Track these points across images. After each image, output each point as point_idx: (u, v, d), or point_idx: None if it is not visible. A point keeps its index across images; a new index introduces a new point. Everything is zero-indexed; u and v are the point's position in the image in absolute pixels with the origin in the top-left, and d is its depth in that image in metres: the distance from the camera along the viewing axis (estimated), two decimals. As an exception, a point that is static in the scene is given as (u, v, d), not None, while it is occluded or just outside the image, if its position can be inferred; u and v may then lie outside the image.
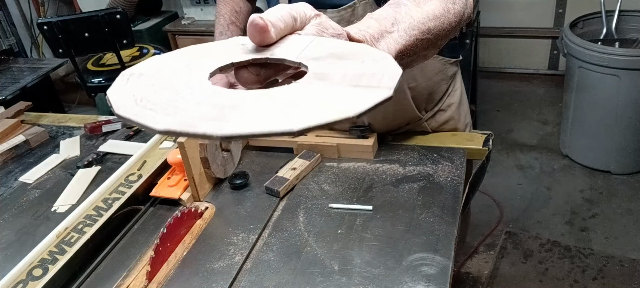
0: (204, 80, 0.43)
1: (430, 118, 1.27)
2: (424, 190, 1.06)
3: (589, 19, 2.70)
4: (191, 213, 1.04)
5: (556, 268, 2.08)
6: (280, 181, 1.12)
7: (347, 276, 0.87)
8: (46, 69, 2.85)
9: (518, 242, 2.24)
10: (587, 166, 2.68)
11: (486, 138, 1.19)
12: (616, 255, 2.11)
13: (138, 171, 1.19)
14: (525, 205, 2.50)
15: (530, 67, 3.60)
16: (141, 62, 0.49)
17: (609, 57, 2.33)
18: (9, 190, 1.28)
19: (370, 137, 1.19)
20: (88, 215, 1.05)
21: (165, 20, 3.44)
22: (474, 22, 2.51)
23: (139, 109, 0.39)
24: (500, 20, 3.46)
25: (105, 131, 1.48)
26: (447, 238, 0.92)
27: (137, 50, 2.79)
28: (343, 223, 1.00)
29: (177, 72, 0.46)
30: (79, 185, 1.24)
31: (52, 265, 0.93)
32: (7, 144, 1.44)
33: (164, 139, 1.32)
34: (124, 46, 2.42)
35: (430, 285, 0.83)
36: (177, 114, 0.37)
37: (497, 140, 2.97)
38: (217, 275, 0.92)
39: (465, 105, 1.37)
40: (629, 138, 2.49)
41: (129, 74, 0.46)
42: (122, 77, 0.46)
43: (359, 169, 1.16)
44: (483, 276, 2.11)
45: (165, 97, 0.40)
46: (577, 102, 2.59)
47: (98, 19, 2.29)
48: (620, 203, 2.43)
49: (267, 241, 0.99)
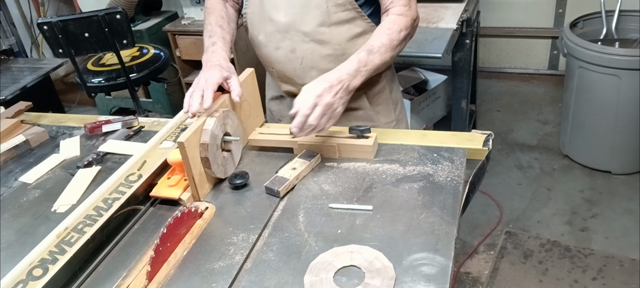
0: None
1: (367, 84, 1.34)
2: (424, 189, 1.06)
3: (589, 19, 2.70)
4: (191, 213, 1.04)
5: (556, 268, 2.08)
6: (280, 181, 1.12)
7: (347, 276, 0.88)
8: (46, 69, 2.86)
9: (518, 242, 2.24)
10: (587, 166, 2.68)
11: (486, 138, 1.19)
12: (616, 255, 2.11)
13: (138, 171, 1.19)
14: (525, 205, 2.50)
15: (530, 67, 3.60)
16: None
17: (609, 57, 2.33)
18: (9, 190, 1.28)
19: (370, 137, 1.19)
20: (88, 215, 1.05)
21: (165, 21, 3.44)
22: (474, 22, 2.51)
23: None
24: (500, 20, 3.46)
25: (105, 131, 1.48)
26: (447, 238, 0.92)
27: (137, 50, 2.79)
28: (343, 223, 1.00)
29: None
30: (79, 185, 1.24)
31: (52, 265, 0.93)
32: (7, 144, 1.44)
33: (164, 139, 1.33)
34: (124, 46, 2.41)
35: (430, 285, 0.83)
36: None
37: (497, 140, 2.98)
38: (217, 275, 0.92)
39: (396, 82, 1.51)
40: (629, 138, 2.49)
41: None
42: None
43: (359, 169, 1.16)
44: (483, 276, 2.11)
45: None
46: (577, 102, 2.59)
47: (98, 19, 2.29)
48: (620, 203, 2.43)
49: (267, 241, 0.99)
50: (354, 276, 0.87)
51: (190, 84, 3.80)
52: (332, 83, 1.11)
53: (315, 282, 0.86)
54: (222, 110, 1.16)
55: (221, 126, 1.15)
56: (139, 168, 1.20)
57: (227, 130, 1.17)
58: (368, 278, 0.85)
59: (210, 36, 1.31)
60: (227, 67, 1.21)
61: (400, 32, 1.21)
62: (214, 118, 1.12)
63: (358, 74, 1.15)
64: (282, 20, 1.29)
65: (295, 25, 1.28)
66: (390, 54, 1.20)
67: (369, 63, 1.17)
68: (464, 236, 2.31)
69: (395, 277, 0.85)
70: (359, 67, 1.15)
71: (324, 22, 1.26)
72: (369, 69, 1.17)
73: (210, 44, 1.28)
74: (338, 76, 1.13)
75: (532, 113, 3.26)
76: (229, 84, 1.20)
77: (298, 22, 1.27)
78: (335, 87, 1.11)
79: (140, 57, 2.73)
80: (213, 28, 1.33)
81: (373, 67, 1.18)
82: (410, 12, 1.24)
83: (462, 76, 2.42)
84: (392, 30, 1.20)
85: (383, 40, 1.19)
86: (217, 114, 1.14)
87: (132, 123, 1.50)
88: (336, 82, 1.12)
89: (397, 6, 1.23)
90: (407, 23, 1.22)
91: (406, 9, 1.23)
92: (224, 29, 1.34)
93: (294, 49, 1.31)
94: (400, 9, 1.23)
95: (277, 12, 1.29)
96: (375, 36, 1.21)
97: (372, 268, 0.87)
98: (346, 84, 1.13)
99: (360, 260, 0.89)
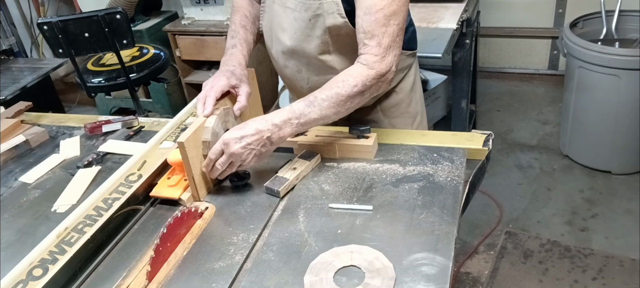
0: None
1: (382, 97, 1.34)
2: (424, 190, 1.06)
3: (589, 19, 2.70)
4: (191, 213, 1.04)
5: (556, 268, 2.08)
6: (280, 181, 1.12)
7: (347, 276, 0.88)
8: (46, 69, 2.85)
9: (518, 242, 2.24)
10: (587, 166, 2.68)
11: (486, 138, 1.19)
12: (616, 255, 2.11)
13: (138, 171, 1.19)
14: (525, 205, 2.50)
15: (530, 67, 3.60)
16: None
17: (609, 57, 2.33)
18: (9, 190, 1.28)
19: (370, 137, 1.19)
20: (88, 215, 1.05)
21: (165, 20, 3.44)
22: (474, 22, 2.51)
23: None
24: (500, 20, 3.46)
25: (105, 131, 1.48)
26: (447, 238, 0.92)
27: (137, 50, 2.78)
28: (343, 223, 1.00)
29: None
30: (79, 185, 1.24)
31: (52, 265, 0.93)
32: (7, 144, 1.44)
33: (164, 139, 1.33)
34: (124, 46, 2.41)
35: (430, 285, 0.83)
36: None
37: (497, 140, 2.98)
38: (217, 275, 0.92)
39: (418, 93, 1.44)
40: (629, 138, 2.49)
41: None
42: None
43: (359, 169, 1.15)
44: (483, 276, 2.11)
45: None
46: (577, 102, 2.59)
47: (98, 19, 2.29)
48: (620, 203, 2.43)
49: (267, 241, 0.99)
50: (354, 276, 0.87)
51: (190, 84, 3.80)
52: (244, 134, 1.05)
53: (315, 282, 0.86)
54: (222, 108, 1.16)
55: (222, 123, 1.15)
56: (139, 168, 1.20)
57: (228, 128, 1.18)
58: (368, 278, 0.85)
59: (232, 37, 1.30)
60: (239, 74, 1.22)
61: (354, 87, 1.07)
62: (214, 116, 1.12)
63: (287, 125, 1.07)
64: (287, 43, 1.25)
65: (299, 51, 1.25)
66: (334, 110, 1.08)
67: (303, 116, 1.07)
68: (464, 236, 2.31)
69: (395, 277, 0.85)
70: (290, 118, 1.07)
71: (325, 50, 1.22)
72: (302, 123, 1.08)
73: (231, 46, 1.29)
74: (258, 127, 1.06)
75: (532, 113, 3.26)
76: (236, 92, 1.22)
77: (301, 48, 1.24)
78: (247, 138, 1.05)
79: (140, 57, 2.73)
80: (236, 28, 1.31)
81: (309, 121, 1.08)
82: (380, 66, 1.07)
83: (462, 76, 2.42)
84: (345, 83, 1.07)
85: (329, 93, 1.07)
86: (218, 112, 1.14)
87: (132, 123, 1.50)
88: (252, 132, 1.05)
89: (367, 54, 1.08)
90: (367, 77, 1.07)
91: (375, 60, 1.07)
92: (247, 30, 1.32)
93: (300, 69, 1.29)
94: (368, 59, 1.08)
95: (283, 33, 1.25)
96: (325, 86, 1.10)
97: (372, 268, 0.87)
98: (266, 135, 1.06)
99: (360, 260, 0.89)
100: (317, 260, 0.91)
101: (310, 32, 1.19)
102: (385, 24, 1.06)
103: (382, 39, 1.07)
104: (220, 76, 1.21)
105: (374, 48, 1.07)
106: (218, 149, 1.07)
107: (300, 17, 1.18)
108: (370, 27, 1.07)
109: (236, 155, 1.06)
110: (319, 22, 1.17)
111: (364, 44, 1.09)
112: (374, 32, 1.07)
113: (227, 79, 1.19)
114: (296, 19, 1.20)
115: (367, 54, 1.08)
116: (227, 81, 1.19)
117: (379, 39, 1.07)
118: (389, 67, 1.09)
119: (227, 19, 3.16)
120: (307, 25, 1.19)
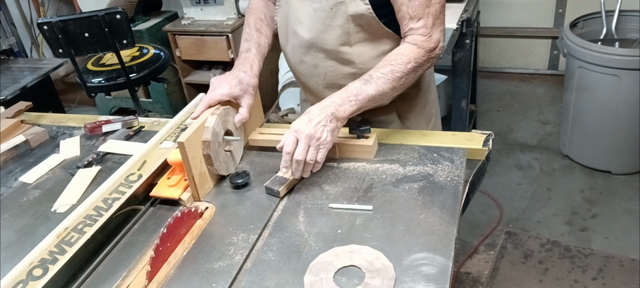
0: None
1: (397, 98, 1.34)
2: (424, 190, 1.06)
3: (589, 19, 2.70)
4: (191, 213, 1.04)
5: (556, 268, 2.08)
6: (280, 181, 1.12)
7: (347, 276, 0.88)
8: (46, 69, 2.85)
9: (518, 242, 2.24)
10: (587, 166, 2.68)
11: (486, 138, 1.19)
12: (616, 255, 2.11)
13: (138, 171, 1.19)
14: (525, 205, 2.50)
15: (530, 67, 3.60)
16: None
17: (609, 57, 2.33)
18: (9, 190, 1.28)
19: (370, 137, 1.19)
20: (88, 215, 1.05)
21: (165, 20, 3.44)
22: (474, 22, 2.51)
23: None
24: (500, 20, 3.46)
25: (105, 131, 1.48)
26: (447, 238, 0.92)
27: (137, 50, 2.78)
28: (343, 223, 1.00)
29: None
30: (79, 185, 1.24)
31: (52, 265, 0.93)
32: (7, 144, 1.44)
33: (164, 139, 1.33)
34: (124, 46, 2.41)
35: (430, 285, 0.83)
36: None
37: (497, 140, 2.98)
38: (217, 275, 0.92)
39: (433, 95, 1.46)
40: (629, 138, 2.49)
41: None
42: None
43: (359, 169, 1.16)
44: (483, 276, 2.11)
45: None
46: (577, 102, 2.59)
47: (98, 19, 2.29)
48: (620, 203, 2.43)
49: (267, 241, 0.99)
50: (354, 276, 0.87)
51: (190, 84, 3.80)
52: (311, 116, 1.08)
53: (315, 282, 0.86)
54: (222, 108, 1.16)
55: (222, 123, 1.15)
56: (139, 168, 1.20)
57: (228, 127, 1.18)
58: (368, 278, 0.85)
59: (246, 40, 1.30)
60: (246, 82, 1.21)
61: (407, 63, 1.13)
62: (215, 116, 1.12)
63: (347, 102, 1.11)
64: (305, 36, 1.25)
65: (317, 43, 1.24)
66: (390, 85, 1.13)
67: (361, 93, 1.11)
68: (464, 236, 2.31)
69: (395, 277, 0.85)
70: (348, 96, 1.11)
71: (345, 41, 1.22)
72: (361, 100, 1.11)
73: (244, 50, 1.29)
74: (319, 106, 1.10)
75: (532, 113, 3.26)
76: (238, 102, 1.21)
77: (320, 39, 1.23)
78: (314, 119, 1.07)
79: (140, 57, 2.73)
80: (250, 31, 1.31)
81: (367, 97, 1.12)
82: (428, 43, 1.14)
83: (462, 76, 2.42)
84: (398, 61, 1.13)
85: (384, 70, 1.13)
86: (218, 111, 1.14)
87: (132, 123, 1.50)
88: (317, 113, 1.08)
89: (414, 35, 1.15)
90: (418, 55, 1.14)
91: (423, 39, 1.14)
92: (261, 33, 1.32)
93: (317, 64, 1.29)
94: (416, 38, 1.14)
95: (300, 26, 1.25)
96: (379, 64, 1.15)
97: (372, 268, 0.87)
98: (330, 111, 1.09)
99: (360, 260, 0.89)
100: (317, 260, 0.91)
101: (330, 21, 1.20)
102: (428, 5, 1.13)
103: (428, 20, 1.14)
104: (225, 81, 1.20)
105: (421, 29, 1.14)
106: (291, 139, 1.07)
107: (321, 8, 1.20)
108: (415, 12, 1.13)
109: (311, 136, 1.06)
110: (340, 10, 1.18)
111: (410, 28, 1.15)
112: (419, 15, 1.14)
113: (230, 89, 1.18)
114: (316, 10, 1.21)
115: (414, 35, 1.15)
116: (229, 90, 1.18)
117: (425, 20, 1.14)
118: (436, 44, 1.16)
119: (227, 19, 3.16)
120: (328, 15, 1.19)
